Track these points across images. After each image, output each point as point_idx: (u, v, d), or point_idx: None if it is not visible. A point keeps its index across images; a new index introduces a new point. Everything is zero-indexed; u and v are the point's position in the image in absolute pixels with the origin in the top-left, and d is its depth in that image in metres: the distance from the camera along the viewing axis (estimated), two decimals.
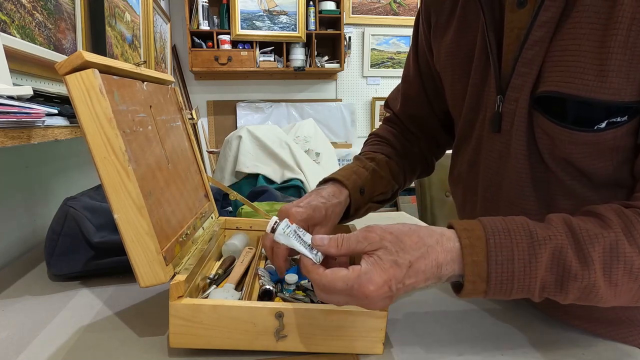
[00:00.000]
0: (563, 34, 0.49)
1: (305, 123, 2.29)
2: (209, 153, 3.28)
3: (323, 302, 0.49)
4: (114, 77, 0.51)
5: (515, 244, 0.45)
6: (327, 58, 3.45)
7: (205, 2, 3.12)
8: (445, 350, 0.54)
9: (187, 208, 0.65)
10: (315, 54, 3.33)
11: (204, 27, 3.13)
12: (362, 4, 3.59)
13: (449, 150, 0.80)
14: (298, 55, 3.28)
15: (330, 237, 0.48)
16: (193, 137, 0.78)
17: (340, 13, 3.28)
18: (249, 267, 0.70)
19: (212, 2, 3.19)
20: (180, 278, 0.50)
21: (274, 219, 0.53)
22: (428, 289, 0.71)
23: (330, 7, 3.28)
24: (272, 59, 3.26)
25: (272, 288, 0.61)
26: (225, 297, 0.57)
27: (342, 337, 0.52)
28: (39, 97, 0.74)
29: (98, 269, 0.73)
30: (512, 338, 0.57)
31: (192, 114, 3.25)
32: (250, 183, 1.63)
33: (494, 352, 0.54)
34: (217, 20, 3.23)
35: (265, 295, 0.61)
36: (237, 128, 3.24)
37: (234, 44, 3.18)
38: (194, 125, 3.27)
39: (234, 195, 0.84)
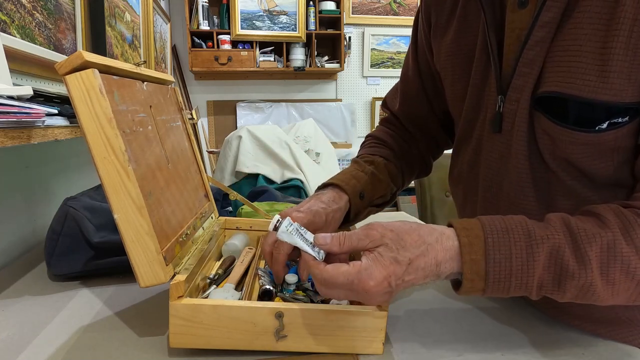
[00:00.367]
0: (564, 35, 0.49)
1: (305, 123, 2.29)
2: (209, 153, 3.28)
3: (324, 296, 0.50)
4: (114, 77, 0.51)
5: (513, 243, 0.45)
6: (327, 58, 3.45)
7: (205, 2, 3.12)
8: (445, 350, 0.54)
9: (187, 208, 0.65)
10: (315, 54, 3.33)
11: (204, 27, 3.13)
12: (362, 4, 3.59)
13: (449, 150, 0.80)
14: (298, 55, 3.28)
15: (333, 235, 0.49)
16: (193, 137, 0.78)
17: (340, 13, 3.27)
18: (249, 267, 0.70)
19: (212, 2, 3.19)
20: (180, 278, 0.50)
21: (277, 217, 0.53)
22: (428, 289, 0.71)
23: (330, 7, 3.28)
24: (272, 59, 3.26)
25: (272, 288, 0.61)
26: (225, 297, 0.57)
27: (342, 337, 0.52)
28: (39, 97, 0.74)
29: (98, 269, 0.73)
30: (512, 338, 0.57)
31: (192, 114, 3.25)
32: (250, 183, 1.62)
33: (494, 352, 0.54)
34: (217, 20, 3.23)
35: (265, 295, 0.60)
36: (237, 128, 3.24)
37: (234, 44, 3.18)
38: (194, 125, 3.28)
39: (234, 195, 0.84)
